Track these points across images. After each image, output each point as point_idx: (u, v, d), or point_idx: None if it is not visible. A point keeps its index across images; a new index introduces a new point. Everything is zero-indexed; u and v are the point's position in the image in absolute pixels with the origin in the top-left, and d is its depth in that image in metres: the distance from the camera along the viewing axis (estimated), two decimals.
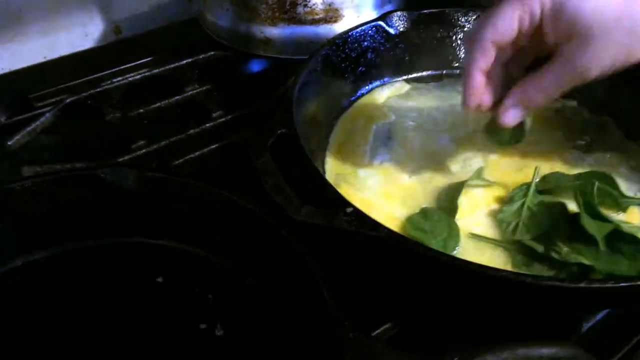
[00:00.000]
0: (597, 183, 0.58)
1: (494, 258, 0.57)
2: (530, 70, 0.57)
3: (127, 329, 0.51)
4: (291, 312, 0.48)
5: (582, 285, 0.44)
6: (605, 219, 0.56)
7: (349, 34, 0.74)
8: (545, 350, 0.42)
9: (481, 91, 0.58)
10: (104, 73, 0.83)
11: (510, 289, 0.46)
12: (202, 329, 0.50)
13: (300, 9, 0.79)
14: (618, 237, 0.56)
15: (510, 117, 0.58)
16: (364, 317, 0.52)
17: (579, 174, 0.63)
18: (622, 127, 0.72)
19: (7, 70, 0.89)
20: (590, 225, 0.54)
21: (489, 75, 0.57)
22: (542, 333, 0.50)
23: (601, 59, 0.53)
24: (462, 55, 0.81)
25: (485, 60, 0.56)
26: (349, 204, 0.51)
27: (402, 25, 0.78)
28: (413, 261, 0.50)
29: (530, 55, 0.59)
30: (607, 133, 0.72)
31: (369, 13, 0.85)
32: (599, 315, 0.55)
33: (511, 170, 0.67)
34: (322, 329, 0.43)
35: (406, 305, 0.53)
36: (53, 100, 0.78)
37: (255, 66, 0.85)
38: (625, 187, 0.65)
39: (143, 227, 0.55)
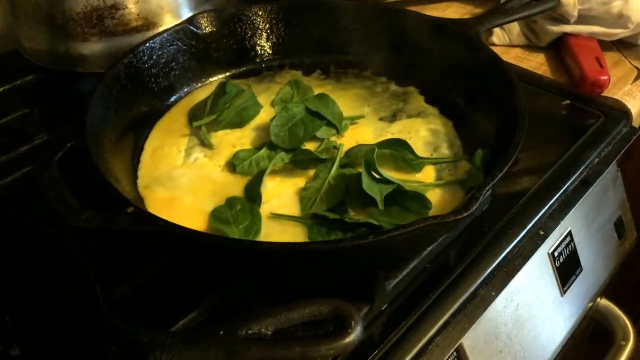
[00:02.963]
0: (376, 148, 0.61)
1: (295, 235, 0.59)
2: None
3: None
4: (69, 318, 0.48)
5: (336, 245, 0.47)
6: (387, 181, 0.59)
7: (152, 40, 0.74)
8: (307, 310, 0.44)
9: None
10: None
11: (286, 257, 0.49)
12: None
13: (108, 22, 0.79)
14: (404, 196, 0.60)
15: None
16: (170, 308, 0.54)
17: (376, 144, 0.67)
18: (423, 94, 0.77)
19: None
20: (370, 187, 0.58)
21: None
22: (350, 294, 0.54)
23: None
24: (277, 49, 0.83)
25: None
26: (130, 204, 0.52)
27: (210, 26, 0.80)
28: (196, 248, 0.51)
29: None
30: (411, 102, 0.76)
31: (188, 16, 0.86)
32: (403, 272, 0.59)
33: None
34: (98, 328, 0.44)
35: (206, 292, 0.55)
36: None
37: (78, 84, 0.85)
38: (423, 149, 0.69)
39: None
